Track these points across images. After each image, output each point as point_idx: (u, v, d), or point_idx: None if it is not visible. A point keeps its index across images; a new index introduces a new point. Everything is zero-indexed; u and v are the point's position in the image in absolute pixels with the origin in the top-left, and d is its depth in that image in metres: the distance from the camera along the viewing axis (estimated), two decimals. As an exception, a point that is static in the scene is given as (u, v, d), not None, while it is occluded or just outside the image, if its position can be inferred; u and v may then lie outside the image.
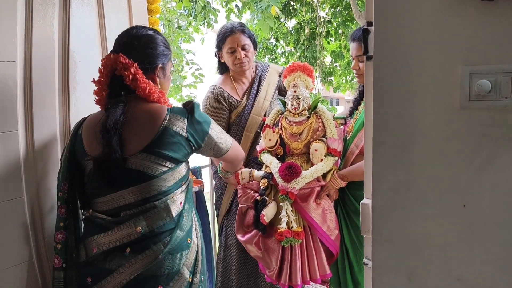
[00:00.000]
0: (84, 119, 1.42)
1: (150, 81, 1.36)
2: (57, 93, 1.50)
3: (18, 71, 1.38)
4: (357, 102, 1.99)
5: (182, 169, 1.38)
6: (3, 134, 1.34)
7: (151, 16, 1.88)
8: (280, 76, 2.29)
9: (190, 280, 1.35)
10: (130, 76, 1.31)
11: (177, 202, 1.35)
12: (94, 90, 1.39)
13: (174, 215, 1.33)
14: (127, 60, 1.32)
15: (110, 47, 1.64)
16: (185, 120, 1.35)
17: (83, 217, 1.42)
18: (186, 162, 1.43)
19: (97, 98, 1.39)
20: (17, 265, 1.39)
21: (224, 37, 2.12)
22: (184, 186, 1.41)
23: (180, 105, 1.44)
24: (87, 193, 1.38)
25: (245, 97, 2.21)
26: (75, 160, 1.39)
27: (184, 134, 1.34)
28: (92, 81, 1.38)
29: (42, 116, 1.44)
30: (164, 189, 1.32)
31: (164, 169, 1.31)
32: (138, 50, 1.36)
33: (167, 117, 1.33)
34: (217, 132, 1.45)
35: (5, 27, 1.33)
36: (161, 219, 1.31)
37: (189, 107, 1.38)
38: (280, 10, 6.12)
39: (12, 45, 1.35)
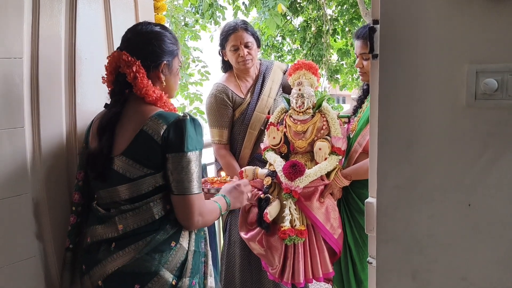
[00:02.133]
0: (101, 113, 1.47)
1: (150, 81, 1.35)
2: (63, 89, 1.50)
3: (24, 68, 1.38)
4: (361, 101, 1.99)
5: (163, 176, 1.32)
6: (10, 130, 1.35)
7: (157, 14, 1.88)
8: (284, 73, 2.29)
9: (173, 283, 1.30)
10: (132, 74, 1.31)
11: (161, 204, 1.33)
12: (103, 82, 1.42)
13: (157, 217, 1.31)
14: (129, 58, 1.31)
15: (116, 44, 1.64)
16: (164, 127, 1.28)
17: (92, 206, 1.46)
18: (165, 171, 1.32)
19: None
20: (22, 261, 1.40)
21: (227, 35, 2.13)
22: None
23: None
24: (91, 184, 1.44)
25: (249, 94, 2.21)
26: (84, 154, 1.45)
27: (159, 140, 1.27)
28: (102, 80, 1.40)
29: (48, 113, 1.45)
30: (144, 192, 1.31)
31: (141, 173, 1.30)
32: (142, 47, 1.35)
33: (149, 120, 1.29)
34: (190, 167, 1.29)
35: (12, 24, 1.34)
36: (143, 220, 1.31)
37: (179, 118, 1.30)
38: (287, 8, 6.11)
39: (19, 42, 1.36)
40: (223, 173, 1.86)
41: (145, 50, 1.35)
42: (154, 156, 1.29)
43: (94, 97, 1.58)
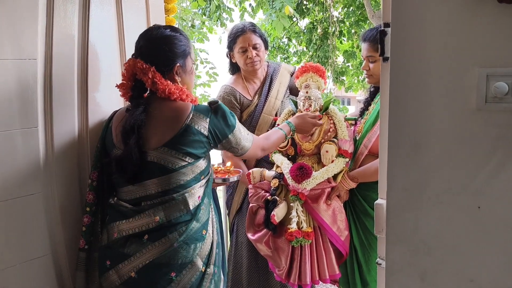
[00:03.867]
0: (114, 113, 1.51)
1: (169, 81, 1.40)
2: (76, 90, 1.52)
3: (38, 69, 1.41)
4: (367, 103, 1.99)
5: (201, 164, 1.42)
6: (23, 130, 1.37)
7: (168, 16, 1.90)
8: (291, 75, 2.29)
9: (203, 270, 1.39)
10: (149, 80, 1.37)
11: (195, 195, 1.40)
12: (120, 89, 1.45)
13: (191, 207, 1.37)
14: (144, 65, 1.36)
15: (128, 46, 1.66)
16: (207, 120, 1.39)
17: (109, 203, 1.48)
18: (206, 157, 1.46)
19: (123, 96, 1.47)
20: (34, 260, 1.42)
21: (235, 37, 2.14)
22: (203, 181, 1.45)
23: (205, 103, 1.47)
24: (113, 182, 1.46)
25: (256, 96, 2.22)
26: (105, 150, 1.48)
27: (206, 133, 1.39)
28: (116, 86, 1.44)
29: (61, 113, 1.47)
30: (182, 183, 1.37)
31: (184, 163, 1.36)
32: (154, 54, 1.39)
33: (191, 115, 1.37)
34: (237, 137, 1.48)
35: (26, 26, 1.36)
36: (178, 211, 1.36)
37: (213, 107, 1.42)
38: (293, 10, 6.12)
39: (33, 43, 1.38)
40: (228, 163, 1.88)
41: (157, 56, 1.39)
42: (200, 146, 1.39)
43: (106, 98, 1.61)
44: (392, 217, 0.97)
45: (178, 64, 1.43)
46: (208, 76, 5.76)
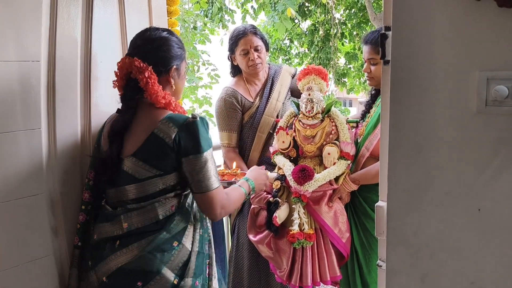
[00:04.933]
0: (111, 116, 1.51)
1: (161, 86, 1.38)
2: (79, 92, 1.53)
3: (42, 71, 1.41)
4: (369, 105, 1.99)
5: (173, 177, 1.36)
6: (26, 131, 1.38)
7: (170, 18, 1.91)
8: (292, 77, 2.30)
9: (175, 282, 1.33)
10: (144, 79, 1.34)
11: (166, 205, 1.36)
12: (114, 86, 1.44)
13: (160, 217, 1.35)
14: (141, 64, 1.35)
15: (130, 48, 1.67)
16: (175, 130, 1.31)
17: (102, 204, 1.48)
18: (182, 171, 1.35)
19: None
20: (36, 260, 1.43)
21: (236, 39, 2.14)
22: (180, 192, 1.41)
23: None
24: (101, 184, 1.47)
25: (258, 98, 2.22)
26: (99, 152, 1.48)
27: (170, 143, 1.31)
28: (113, 84, 1.43)
29: (64, 115, 1.48)
30: (151, 192, 1.35)
31: (150, 174, 1.34)
32: (152, 54, 1.38)
33: (159, 124, 1.33)
34: (201, 166, 1.32)
35: (30, 28, 1.37)
36: (147, 219, 1.35)
37: (190, 120, 1.32)
38: (295, 11, 6.14)
39: (36, 45, 1.39)
40: (234, 164, 1.88)
41: (155, 56, 1.38)
42: (165, 158, 1.33)
43: (109, 100, 1.61)
44: (393, 219, 0.97)
45: (174, 66, 1.43)
46: (210, 78, 5.77)
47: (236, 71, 2.29)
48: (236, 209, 2.26)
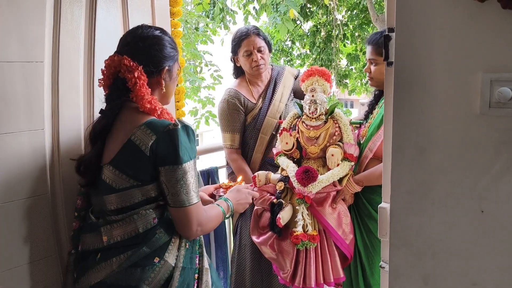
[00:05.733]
0: None
1: (149, 89, 1.29)
2: (82, 93, 1.54)
3: (45, 71, 1.42)
4: (371, 106, 2.00)
5: (153, 188, 1.27)
6: (30, 132, 1.39)
7: (173, 19, 1.91)
8: (295, 79, 2.30)
9: None
10: (133, 79, 1.26)
11: (147, 217, 1.27)
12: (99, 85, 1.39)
13: (141, 230, 1.25)
14: (131, 63, 1.26)
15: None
16: (154, 137, 1.21)
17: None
18: (162, 181, 1.26)
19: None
20: (40, 260, 1.43)
21: (239, 40, 2.15)
22: (162, 203, 1.31)
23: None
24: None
25: (260, 99, 2.23)
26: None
27: (146, 151, 1.21)
28: (98, 82, 1.37)
29: (67, 115, 1.48)
30: (129, 204, 1.26)
31: (127, 185, 1.25)
32: (143, 52, 1.30)
33: (137, 130, 1.23)
34: (178, 178, 1.23)
35: (34, 29, 1.38)
36: (126, 233, 1.26)
37: (171, 127, 1.23)
38: (297, 13, 6.15)
39: (40, 46, 1.39)
40: (239, 179, 1.85)
41: (147, 55, 1.30)
42: (141, 168, 1.24)
43: (112, 101, 1.62)
44: (396, 221, 0.97)
45: (166, 67, 1.34)
46: (213, 78, 5.78)
47: (238, 72, 2.29)
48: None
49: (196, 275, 1.35)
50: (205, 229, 1.34)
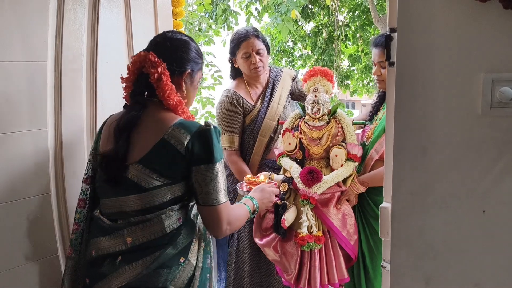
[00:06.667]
0: (109, 117, 1.43)
1: (174, 86, 1.31)
2: (84, 92, 1.55)
3: (48, 71, 1.43)
4: (376, 107, 1.99)
5: (181, 187, 1.28)
6: (33, 131, 1.39)
7: (175, 19, 1.92)
8: (293, 80, 2.28)
9: None
10: (156, 75, 1.27)
11: (173, 217, 1.27)
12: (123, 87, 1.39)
13: (168, 231, 1.25)
14: (156, 59, 1.28)
15: (136, 49, 1.69)
16: (188, 137, 1.23)
17: (93, 216, 1.40)
18: (190, 180, 1.27)
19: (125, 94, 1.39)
20: (43, 259, 1.44)
21: (238, 42, 2.12)
22: (186, 203, 1.33)
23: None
24: (97, 191, 1.38)
25: (259, 101, 2.21)
26: (96, 156, 1.38)
27: (182, 151, 1.23)
28: (121, 79, 1.37)
29: (70, 115, 1.49)
30: (157, 203, 1.25)
31: (158, 183, 1.24)
32: (169, 51, 1.33)
33: (170, 129, 1.25)
34: (211, 177, 1.25)
35: (37, 28, 1.39)
36: (153, 233, 1.25)
37: (204, 128, 1.25)
38: (299, 13, 6.15)
39: (43, 46, 1.41)
40: (261, 177, 1.84)
41: (172, 54, 1.33)
42: (175, 166, 1.25)
43: (115, 100, 1.62)
44: (397, 221, 0.97)
45: (189, 70, 1.36)
46: (213, 79, 5.78)
47: (236, 73, 2.27)
48: None
49: (208, 275, 1.37)
50: (233, 228, 1.36)
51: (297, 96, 2.29)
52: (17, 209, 1.37)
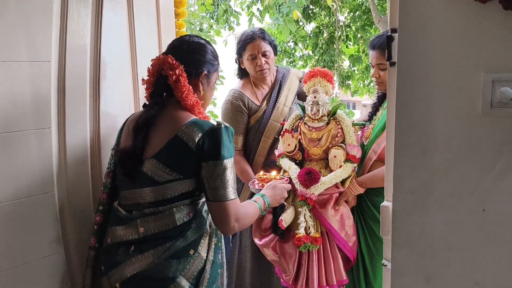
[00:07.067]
0: (131, 116, 1.51)
1: (191, 87, 1.38)
2: (88, 92, 1.55)
3: (52, 71, 1.44)
4: (376, 108, 1.99)
5: (192, 183, 1.34)
6: (37, 131, 1.40)
7: (178, 20, 1.93)
8: (300, 81, 2.28)
9: None
10: (174, 76, 1.34)
11: (183, 211, 1.34)
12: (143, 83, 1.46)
13: (178, 223, 1.32)
14: (174, 61, 1.36)
15: (139, 49, 1.69)
16: (199, 134, 1.30)
17: (113, 206, 1.47)
18: (197, 178, 1.34)
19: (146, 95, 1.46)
20: (46, 257, 1.45)
21: (244, 44, 2.13)
22: (197, 198, 1.40)
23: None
24: (117, 184, 1.46)
25: (264, 102, 2.21)
26: (118, 152, 1.46)
27: (193, 147, 1.29)
28: (142, 81, 1.44)
29: (73, 114, 1.50)
30: (169, 197, 1.32)
31: (170, 178, 1.32)
32: (187, 54, 1.40)
33: (184, 127, 1.32)
34: (219, 173, 1.30)
35: (41, 29, 1.39)
36: (164, 225, 1.32)
37: (215, 127, 1.31)
38: (300, 14, 6.15)
39: (47, 46, 1.41)
40: (273, 173, 1.85)
41: (189, 57, 1.40)
42: (186, 162, 1.31)
43: (118, 100, 1.64)
44: (398, 220, 0.98)
45: (205, 72, 1.43)
46: (215, 79, 5.78)
47: (243, 73, 2.27)
48: None
49: (220, 270, 1.43)
50: (242, 225, 1.39)
51: (303, 97, 2.29)
52: (20, 207, 1.38)
